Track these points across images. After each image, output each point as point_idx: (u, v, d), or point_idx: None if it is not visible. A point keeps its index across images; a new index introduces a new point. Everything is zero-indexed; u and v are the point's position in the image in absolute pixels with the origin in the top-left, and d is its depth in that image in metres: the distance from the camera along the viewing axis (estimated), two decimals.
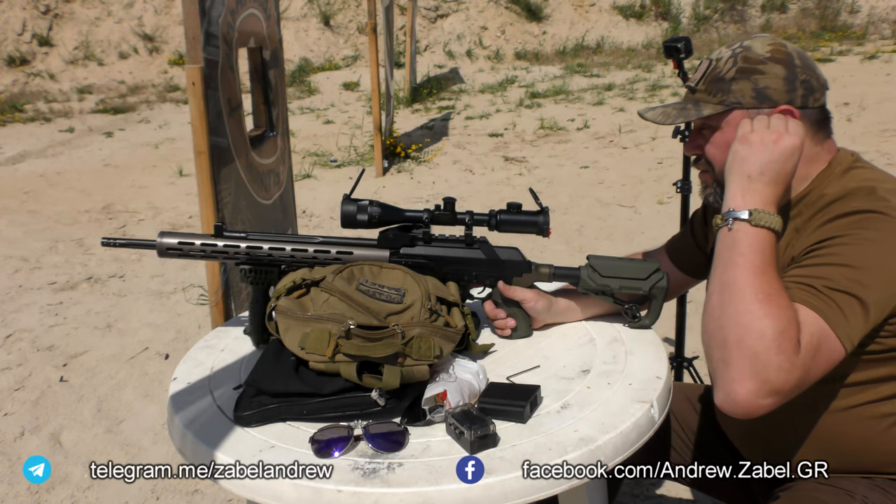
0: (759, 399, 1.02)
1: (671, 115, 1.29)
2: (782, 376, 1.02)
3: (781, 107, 1.21)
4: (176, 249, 1.38)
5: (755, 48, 1.24)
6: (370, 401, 1.18)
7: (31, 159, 7.69)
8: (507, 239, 1.44)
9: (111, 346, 3.53)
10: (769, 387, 1.02)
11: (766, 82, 1.22)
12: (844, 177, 1.22)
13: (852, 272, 1.08)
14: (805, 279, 1.11)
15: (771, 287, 1.07)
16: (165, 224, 5.50)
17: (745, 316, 1.05)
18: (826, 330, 1.06)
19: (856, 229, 1.11)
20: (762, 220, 1.11)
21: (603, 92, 9.56)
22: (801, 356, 1.03)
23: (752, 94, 1.22)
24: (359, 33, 12.23)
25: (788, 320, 1.04)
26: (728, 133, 1.24)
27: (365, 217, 1.38)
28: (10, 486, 2.51)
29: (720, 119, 1.25)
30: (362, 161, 7.11)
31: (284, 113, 3.04)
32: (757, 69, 1.22)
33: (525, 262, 1.46)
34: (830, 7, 12.40)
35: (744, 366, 1.03)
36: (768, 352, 1.02)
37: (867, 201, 1.14)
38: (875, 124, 7.02)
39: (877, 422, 1.20)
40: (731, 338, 1.05)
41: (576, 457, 1.08)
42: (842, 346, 1.07)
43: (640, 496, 2.31)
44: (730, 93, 1.23)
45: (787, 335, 1.03)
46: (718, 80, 1.25)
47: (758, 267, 1.08)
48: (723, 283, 1.10)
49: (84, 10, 12.03)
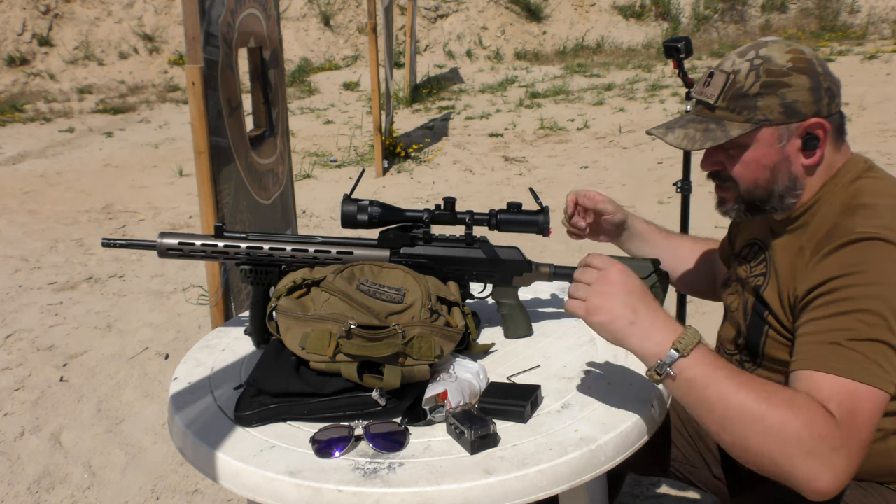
0: (840, 484, 1.00)
1: (696, 139, 1.21)
2: (842, 456, 0.99)
3: (811, 120, 1.17)
4: (176, 250, 1.38)
5: (775, 58, 1.19)
6: (371, 401, 1.18)
7: (31, 159, 7.69)
8: (507, 238, 1.44)
9: (111, 346, 3.53)
10: (839, 470, 1.00)
11: (793, 96, 1.17)
12: (850, 188, 1.20)
13: (871, 317, 1.05)
14: (825, 336, 1.07)
15: (759, 389, 1.03)
16: (165, 224, 5.50)
17: (770, 432, 1.00)
18: (857, 388, 1.03)
19: (861, 265, 1.08)
20: (689, 345, 1.06)
21: (603, 92, 9.56)
22: (841, 426, 1.00)
23: (781, 109, 1.17)
24: (359, 33, 12.23)
25: (802, 403, 1.01)
26: (759, 150, 1.20)
27: (365, 217, 1.38)
28: (10, 486, 2.50)
29: (750, 138, 1.20)
30: (362, 161, 7.11)
31: (284, 113, 3.04)
32: (782, 82, 1.17)
33: (525, 262, 1.46)
34: (830, 7, 12.40)
35: (809, 467, 0.99)
36: (817, 445, 0.99)
37: (869, 223, 1.11)
38: (875, 124, 7.02)
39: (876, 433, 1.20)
40: (777, 456, 1.01)
41: (576, 456, 1.08)
42: (884, 393, 1.04)
43: (641, 496, 2.30)
44: (756, 110, 1.18)
45: (815, 418, 1.00)
46: (742, 97, 1.19)
47: (731, 381, 1.04)
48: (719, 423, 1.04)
49: (84, 10, 12.03)
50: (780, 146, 1.20)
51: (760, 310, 1.27)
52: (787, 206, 1.24)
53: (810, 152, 1.20)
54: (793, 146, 1.20)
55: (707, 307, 3.51)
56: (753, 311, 1.29)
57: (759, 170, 1.21)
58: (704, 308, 3.52)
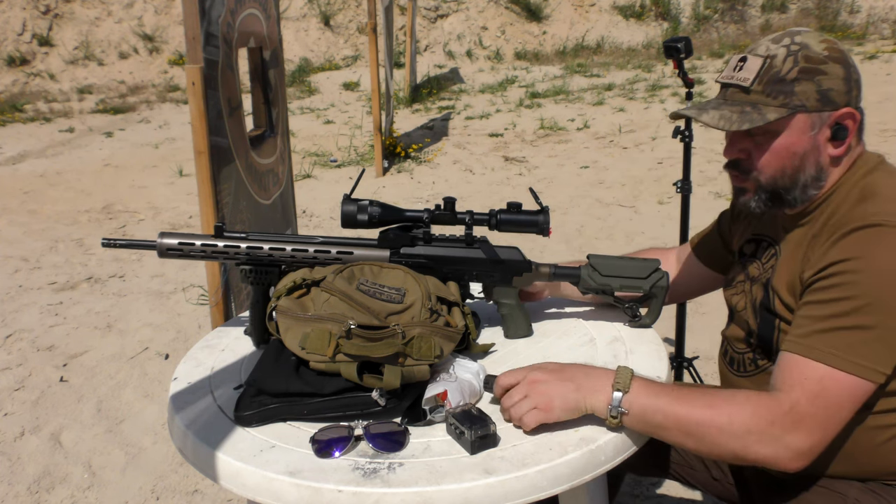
0: (805, 457, 1.08)
1: (733, 121, 1.19)
2: (798, 435, 1.07)
3: (843, 110, 1.18)
4: (176, 250, 1.38)
5: (812, 46, 1.18)
6: (371, 401, 1.18)
7: (31, 159, 7.69)
8: (507, 238, 1.44)
9: (111, 346, 3.53)
10: (797, 447, 1.07)
11: (829, 84, 1.17)
12: (864, 180, 1.21)
13: (859, 303, 1.08)
14: (813, 320, 1.12)
15: (701, 397, 1.12)
16: (165, 224, 5.50)
17: (723, 432, 1.08)
18: (829, 373, 1.08)
19: (861, 252, 1.10)
20: (626, 381, 1.13)
21: (603, 92, 9.56)
22: (796, 408, 1.07)
23: (817, 96, 1.17)
24: (359, 33, 12.23)
25: (742, 398, 1.10)
26: (791, 137, 1.19)
27: (365, 217, 1.38)
28: (10, 486, 2.50)
29: (783, 123, 1.19)
30: (362, 161, 7.11)
31: (284, 113, 3.05)
32: (819, 69, 1.17)
33: (525, 262, 1.46)
34: (830, 7, 12.40)
35: (767, 452, 1.08)
36: (767, 431, 1.07)
37: (877, 209, 1.13)
38: (875, 124, 7.02)
39: (881, 432, 1.20)
40: (737, 451, 1.09)
41: (576, 457, 1.08)
42: (860, 380, 1.08)
43: (641, 496, 2.30)
44: (793, 95, 1.17)
45: (758, 409, 1.08)
46: (779, 81, 1.18)
47: (676, 400, 1.11)
48: (680, 437, 1.12)
49: (84, 10, 12.03)
50: (812, 134, 1.19)
51: (769, 303, 1.27)
52: (808, 198, 1.24)
53: (838, 143, 1.21)
54: (823, 135, 1.20)
55: (707, 307, 3.51)
56: (762, 306, 1.29)
57: (788, 157, 1.21)
58: (704, 308, 3.53)
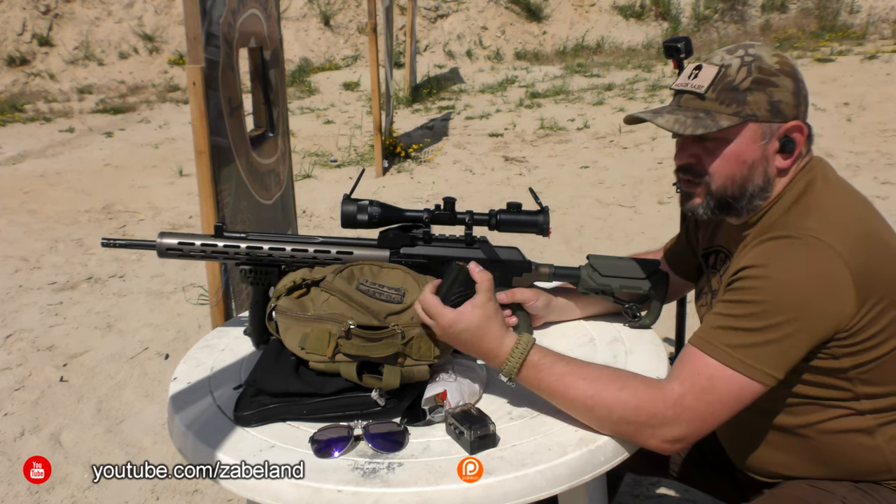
0: (676, 446, 1.14)
1: (687, 125, 1.21)
2: (675, 428, 1.12)
3: (792, 123, 1.21)
4: (176, 250, 1.38)
5: (765, 58, 1.21)
6: (370, 401, 1.18)
7: (31, 159, 7.69)
8: (507, 239, 1.44)
9: (111, 346, 3.53)
10: (671, 437, 1.13)
11: (779, 96, 1.20)
12: (802, 191, 1.23)
13: (759, 309, 1.12)
14: (718, 318, 1.16)
15: (589, 386, 1.14)
16: (165, 224, 5.50)
17: (604, 418, 1.14)
18: (720, 371, 1.12)
19: (771, 260, 1.14)
20: (512, 369, 1.17)
21: (603, 92, 9.56)
22: (681, 402, 1.12)
23: (768, 107, 1.20)
24: (359, 33, 12.23)
25: (631, 390, 1.14)
26: (741, 145, 1.21)
27: (365, 217, 1.38)
28: (10, 485, 2.50)
29: (735, 131, 1.21)
30: (362, 161, 7.11)
31: (284, 113, 3.05)
32: (771, 81, 1.20)
33: (525, 262, 1.46)
34: (830, 7, 12.40)
35: (641, 439, 1.14)
36: (646, 422, 1.12)
37: (798, 223, 1.17)
38: (875, 124, 7.02)
39: (862, 435, 1.21)
40: (617, 434, 1.15)
41: (576, 457, 1.08)
42: (750, 381, 1.11)
43: (640, 496, 2.31)
44: (745, 104, 1.20)
45: (641, 404, 1.12)
46: (732, 90, 1.20)
47: (564, 375, 1.16)
48: (571, 412, 1.17)
49: (84, 10, 12.03)
50: (762, 144, 1.22)
51: None
52: (754, 208, 1.26)
53: (786, 155, 1.23)
54: (772, 146, 1.22)
55: None
56: None
57: (737, 165, 1.22)
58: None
